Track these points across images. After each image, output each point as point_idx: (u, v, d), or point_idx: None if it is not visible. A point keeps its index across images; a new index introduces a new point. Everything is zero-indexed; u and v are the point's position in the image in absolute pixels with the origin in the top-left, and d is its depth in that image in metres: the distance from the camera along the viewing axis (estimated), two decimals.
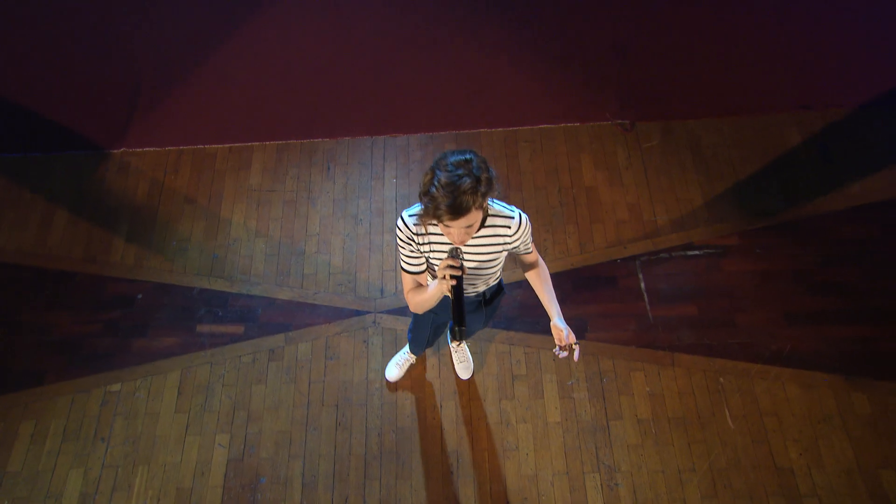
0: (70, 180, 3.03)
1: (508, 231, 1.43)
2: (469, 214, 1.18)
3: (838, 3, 3.43)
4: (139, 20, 3.41)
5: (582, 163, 3.05)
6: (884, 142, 3.05)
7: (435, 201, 1.16)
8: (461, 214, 1.16)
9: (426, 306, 1.53)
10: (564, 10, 3.46)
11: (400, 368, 2.52)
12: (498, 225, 1.42)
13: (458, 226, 1.21)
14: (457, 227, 1.22)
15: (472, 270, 1.51)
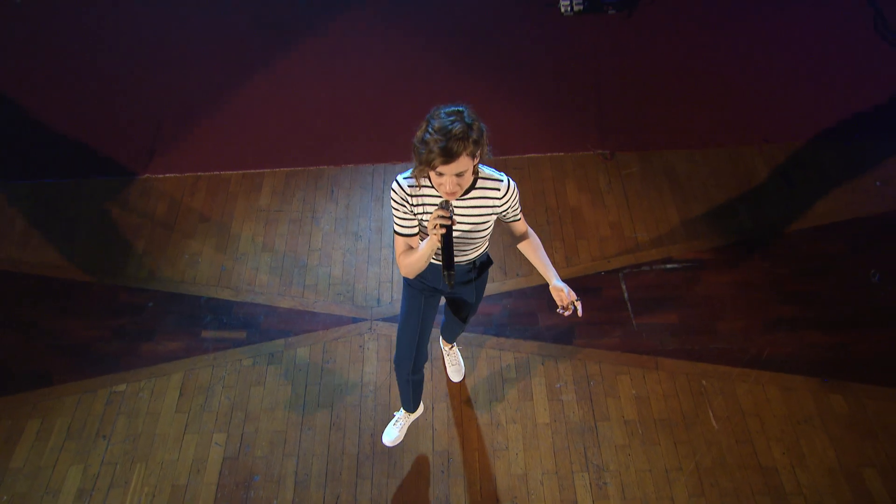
0: (96, 201, 3.23)
1: (498, 194, 1.54)
2: (460, 160, 1.29)
3: (794, 55, 3.76)
4: (165, 59, 3.77)
5: (567, 187, 3.24)
6: (838, 169, 3.26)
7: (428, 146, 1.28)
8: (452, 158, 1.27)
9: (417, 266, 1.61)
10: (551, 54, 3.81)
11: (398, 428, 2.37)
12: (487, 188, 1.53)
13: (450, 172, 1.31)
14: (448, 173, 1.32)
15: (464, 233, 1.60)
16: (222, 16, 4.12)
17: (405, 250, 1.63)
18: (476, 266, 1.84)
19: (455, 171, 1.32)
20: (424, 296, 1.90)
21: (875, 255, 2.93)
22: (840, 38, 3.85)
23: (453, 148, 1.26)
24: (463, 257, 1.74)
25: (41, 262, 3.01)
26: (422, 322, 1.91)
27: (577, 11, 4.04)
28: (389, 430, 2.39)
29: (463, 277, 1.85)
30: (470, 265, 1.81)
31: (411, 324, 1.92)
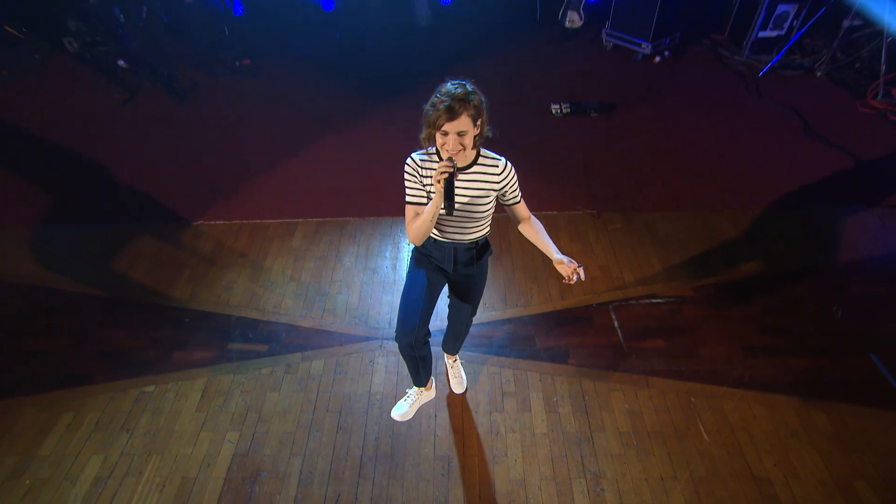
0: (156, 241, 3.59)
1: (496, 170, 1.82)
2: (461, 119, 1.59)
3: (747, 144, 4.29)
4: (221, 133, 4.39)
5: (559, 238, 3.55)
6: (793, 228, 3.59)
7: (435, 106, 1.61)
8: (455, 116, 1.58)
9: (424, 226, 1.81)
10: (546, 141, 4.37)
11: (408, 404, 2.45)
12: (487, 164, 1.82)
13: (453, 130, 1.61)
14: (451, 131, 1.61)
15: (464, 206, 1.84)
16: (270, 107, 4.87)
17: (413, 217, 1.86)
18: (477, 246, 2.05)
19: (457, 130, 1.63)
20: (429, 274, 2.07)
21: (836, 296, 3.11)
22: (778, 134, 4.40)
23: (455, 107, 1.59)
24: (464, 236, 1.96)
25: (107, 285, 3.29)
26: (426, 294, 2.00)
27: (565, 113, 4.72)
28: (400, 404, 2.45)
29: (464, 256, 2.05)
30: (472, 244, 2.03)
31: (413, 296, 2.00)
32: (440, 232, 1.98)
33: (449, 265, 2.07)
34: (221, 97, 5.14)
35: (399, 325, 2.01)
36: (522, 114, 4.79)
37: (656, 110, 4.83)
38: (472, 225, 1.94)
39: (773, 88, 5.02)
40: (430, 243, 2.04)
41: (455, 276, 2.13)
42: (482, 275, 2.20)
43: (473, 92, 1.65)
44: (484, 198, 1.87)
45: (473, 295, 2.24)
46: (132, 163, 4.27)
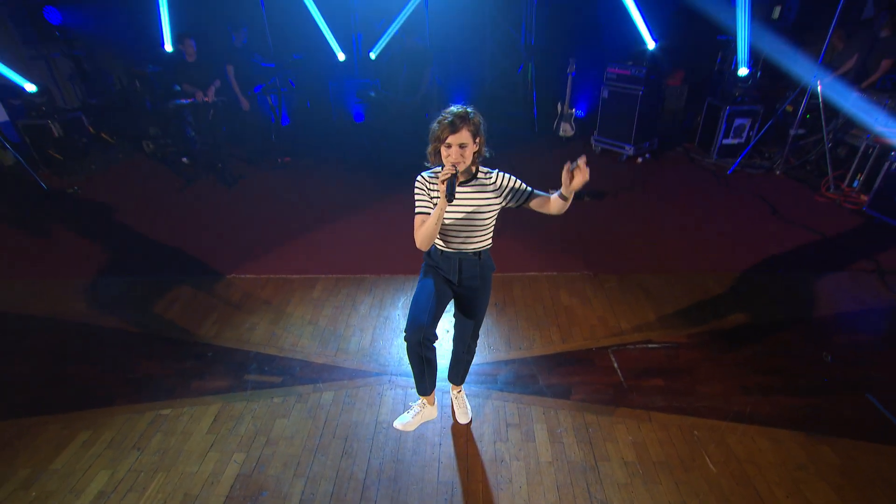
0: (191, 289, 3.75)
1: (490, 179, 2.01)
2: (462, 132, 1.83)
3: (729, 220, 4.54)
4: (254, 208, 4.75)
5: (560, 293, 3.64)
6: (774, 287, 3.66)
7: (440, 123, 1.86)
8: (457, 130, 1.83)
9: (430, 229, 1.93)
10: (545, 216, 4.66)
11: (411, 415, 2.41)
12: (483, 177, 2.01)
13: (455, 142, 1.84)
14: (454, 143, 1.84)
15: (468, 215, 2.00)
16: (302, 190, 5.32)
17: (421, 224, 1.99)
18: (480, 259, 2.18)
19: (458, 142, 1.86)
20: (437, 283, 2.15)
21: (822, 344, 3.08)
22: (750, 215, 4.66)
23: (457, 122, 1.84)
24: (468, 245, 2.10)
25: (143, 323, 3.40)
26: (434, 298, 2.07)
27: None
28: (403, 415, 2.38)
29: (469, 267, 2.16)
30: (475, 255, 2.17)
31: (423, 298, 2.06)
32: (446, 243, 2.13)
33: (454, 276, 2.18)
34: (262, 184, 5.66)
35: (409, 324, 2.05)
36: None
37: (642, 196, 5.19)
38: (475, 235, 2.09)
39: (741, 183, 5.41)
40: (438, 255, 2.18)
41: (460, 288, 2.23)
42: (485, 290, 2.28)
43: (473, 113, 1.92)
44: (484, 207, 2.03)
45: (477, 310, 2.30)
46: (180, 230, 4.61)
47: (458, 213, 2.04)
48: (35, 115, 5.78)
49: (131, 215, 4.91)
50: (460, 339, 2.42)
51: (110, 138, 6.36)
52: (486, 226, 2.09)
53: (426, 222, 1.98)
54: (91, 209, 5.10)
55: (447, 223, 2.05)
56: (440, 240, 2.13)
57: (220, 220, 4.84)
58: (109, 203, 5.18)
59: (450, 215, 2.04)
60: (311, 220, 4.77)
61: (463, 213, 2.03)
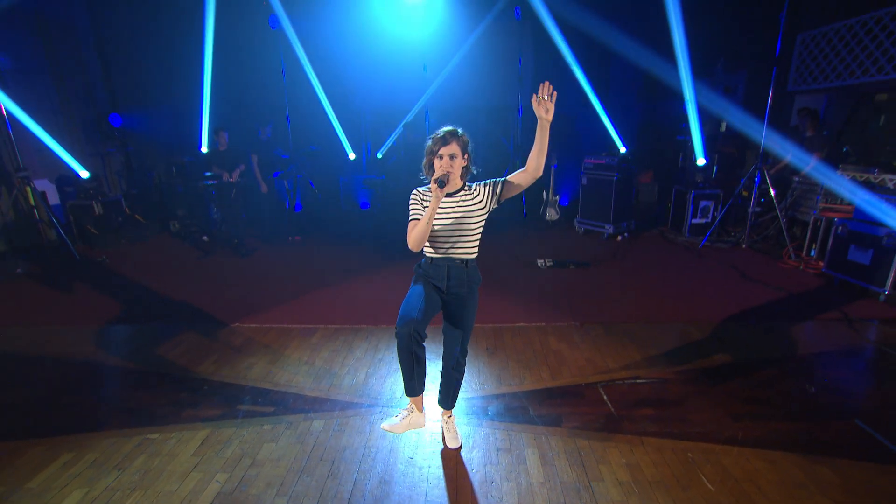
0: (197, 334, 3.72)
1: (474, 192, 2.16)
2: (451, 145, 2.03)
3: (704, 283, 4.62)
4: (262, 272, 4.85)
5: (548, 339, 3.60)
6: (752, 333, 3.66)
7: (434, 138, 2.08)
8: (447, 143, 2.04)
9: (423, 229, 2.03)
10: (534, 281, 4.75)
11: (399, 419, 2.35)
12: (467, 189, 2.17)
13: (446, 153, 2.03)
14: (445, 154, 2.04)
15: (456, 220, 2.12)
16: (308, 260, 5.49)
17: (414, 227, 2.12)
18: (467, 267, 2.25)
19: (449, 153, 2.06)
20: (427, 288, 2.19)
21: (805, 377, 2.99)
22: (723, 279, 4.77)
23: (448, 137, 2.07)
24: (456, 251, 2.18)
25: (146, 362, 3.32)
26: (424, 299, 2.11)
27: (548, 266, 5.23)
28: (390, 418, 2.27)
29: (456, 274, 2.21)
30: (462, 263, 2.24)
31: (414, 297, 2.13)
32: (435, 249, 2.22)
33: (443, 282, 2.24)
34: (273, 256, 5.85)
35: (400, 319, 2.07)
36: (514, 266, 5.31)
37: (623, 263, 5.33)
38: (462, 242, 2.18)
39: (711, 255, 5.60)
40: (428, 264, 2.26)
41: (448, 295, 2.27)
42: (472, 299, 2.31)
43: (462, 132, 2.16)
44: (470, 216, 2.15)
45: (465, 318, 2.30)
46: (192, 288, 4.69)
47: (446, 219, 2.17)
48: (83, 196, 6.21)
49: (150, 278, 5.02)
50: (449, 353, 2.38)
51: (142, 219, 6.73)
52: (472, 233, 2.20)
53: (420, 221, 2.09)
54: (115, 273, 5.22)
55: (437, 229, 2.17)
56: (430, 247, 2.23)
57: (230, 282, 4.93)
58: (132, 269, 5.32)
59: (439, 222, 2.17)
60: (315, 282, 4.86)
61: (451, 219, 2.16)
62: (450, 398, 2.49)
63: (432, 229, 2.17)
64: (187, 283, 4.86)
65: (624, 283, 4.73)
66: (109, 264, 5.55)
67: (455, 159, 2.10)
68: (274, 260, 5.69)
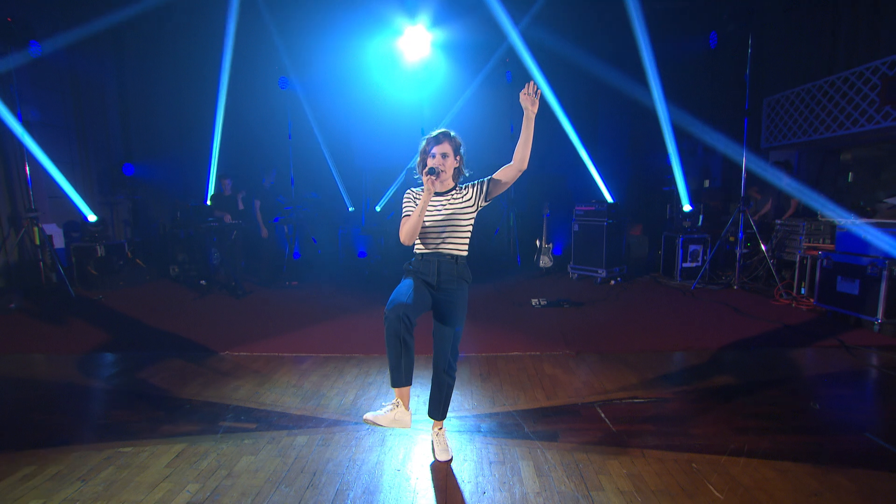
0: (185, 361, 3.58)
1: (461, 192, 2.21)
2: (443, 144, 2.11)
3: (698, 317, 4.56)
4: (254, 309, 4.76)
5: (543, 367, 3.47)
6: (749, 358, 3.57)
7: (427, 138, 2.17)
8: (439, 142, 2.12)
9: (415, 220, 2.07)
10: (528, 316, 4.67)
11: (384, 411, 2.20)
12: (455, 190, 2.22)
13: (438, 151, 2.12)
14: (437, 152, 2.12)
15: (447, 217, 2.15)
16: (304, 301, 5.42)
17: (406, 221, 2.15)
18: (457, 263, 2.23)
19: (441, 152, 2.15)
20: (417, 283, 2.17)
21: (806, 396, 2.86)
22: (717, 314, 4.71)
23: (440, 136, 2.17)
24: (446, 246, 2.19)
25: (129, 385, 3.16)
26: (414, 290, 2.10)
27: (542, 305, 5.18)
28: (375, 410, 2.20)
29: (446, 269, 2.19)
30: (451, 259, 2.23)
31: (404, 288, 2.12)
32: (425, 245, 2.23)
33: (434, 277, 2.22)
34: (269, 297, 5.79)
35: (389, 303, 2.05)
36: (508, 305, 5.24)
37: (617, 302, 5.28)
38: (452, 238, 2.20)
39: (704, 295, 5.57)
40: (419, 260, 2.25)
41: (438, 291, 2.24)
42: (462, 296, 2.27)
43: (455, 134, 2.26)
44: (460, 213, 2.19)
45: (455, 315, 2.25)
46: (184, 321, 4.59)
47: (437, 216, 2.20)
48: (87, 239, 6.28)
49: (143, 314, 4.92)
50: (440, 355, 2.30)
51: (143, 263, 6.74)
52: (461, 230, 2.22)
53: (412, 214, 2.13)
54: (109, 310, 5.13)
55: (428, 226, 2.20)
56: (421, 243, 2.24)
57: (223, 317, 4.84)
58: (127, 307, 5.24)
59: (430, 219, 2.20)
60: (309, 318, 4.77)
61: (442, 216, 2.19)
62: (441, 407, 2.36)
63: (424, 226, 2.20)
64: (179, 318, 4.76)
65: (619, 319, 4.66)
66: (104, 302, 5.47)
67: (447, 158, 2.19)
68: (269, 301, 5.63)
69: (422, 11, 6.65)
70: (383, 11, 6.60)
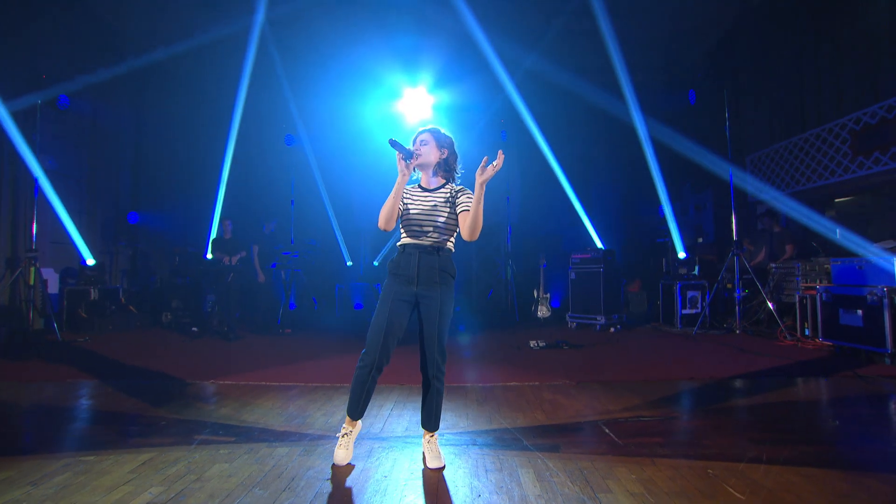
0: (168, 386, 3.38)
1: (446, 189, 2.22)
2: (425, 134, 2.19)
3: (700, 356, 4.39)
4: (246, 351, 4.58)
5: (543, 394, 3.28)
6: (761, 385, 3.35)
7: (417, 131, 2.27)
8: (423, 133, 2.20)
9: (391, 203, 2.09)
10: (529, 357, 4.50)
11: (343, 449, 2.13)
12: (443, 188, 2.23)
13: (419, 139, 2.19)
14: (418, 140, 2.19)
15: (431, 209, 2.14)
16: (296, 346, 5.24)
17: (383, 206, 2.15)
18: (439, 255, 2.16)
19: (420, 139, 2.21)
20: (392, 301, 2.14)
21: (827, 415, 2.67)
22: (720, 353, 4.55)
23: (426, 128, 2.25)
24: (426, 237, 2.15)
25: (108, 406, 2.95)
26: (387, 325, 2.12)
27: (541, 347, 5.02)
28: (337, 452, 2.09)
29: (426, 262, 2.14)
30: (432, 250, 2.16)
31: (378, 324, 2.13)
32: (409, 235, 2.20)
33: (413, 270, 2.15)
34: (261, 342, 5.62)
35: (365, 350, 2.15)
36: (505, 348, 5.07)
37: (618, 346, 5.11)
38: (435, 230, 2.16)
39: (706, 339, 5.41)
40: (400, 253, 2.21)
41: (420, 287, 2.15)
42: (447, 291, 2.18)
43: (445, 131, 2.33)
44: (441, 207, 2.18)
45: (441, 312, 2.15)
46: (171, 359, 4.40)
47: (423, 206, 2.19)
48: (83, 283, 6.23)
49: (127, 355, 4.73)
50: (429, 359, 2.16)
51: (135, 309, 6.63)
52: (444, 223, 2.18)
53: (388, 199, 2.13)
54: (92, 351, 4.93)
55: (413, 215, 2.18)
56: (405, 234, 2.23)
57: (211, 355, 4.65)
58: (112, 349, 5.05)
59: (416, 209, 2.18)
60: (298, 356, 4.59)
61: (427, 207, 2.19)
62: (433, 416, 2.19)
63: (409, 215, 2.20)
64: (164, 358, 4.57)
65: (621, 357, 4.49)
66: (89, 344, 5.28)
67: (425, 145, 2.23)
68: (261, 343, 5.45)
69: (423, 75, 7.27)
70: (386, 75, 7.22)
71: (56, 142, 6.48)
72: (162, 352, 4.84)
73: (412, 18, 6.23)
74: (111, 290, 6.44)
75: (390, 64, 6.98)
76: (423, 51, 6.80)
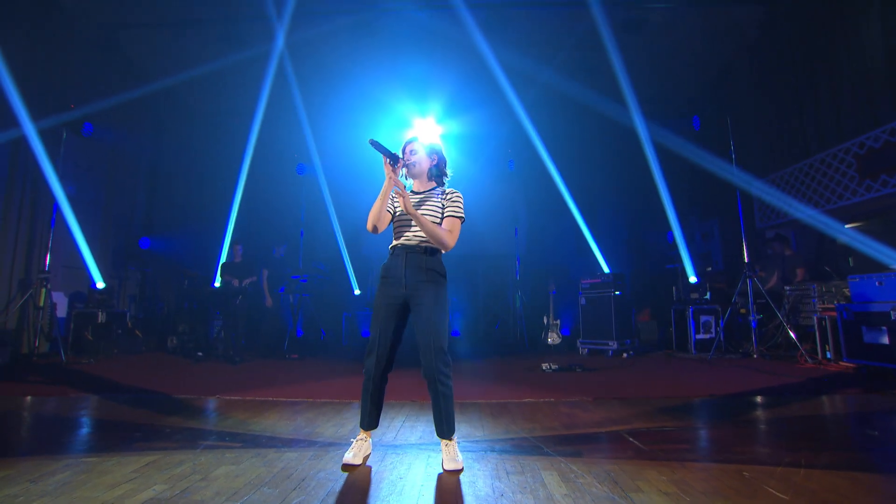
0: (177, 401, 3.28)
1: (436, 193, 2.22)
2: (415, 143, 2.22)
3: (718, 373, 4.23)
4: (252, 372, 4.47)
5: (559, 408, 3.14)
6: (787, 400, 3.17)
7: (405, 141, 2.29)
8: (415, 141, 2.23)
9: (378, 205, 2.10)
10: (541, 379, 4.35)
11: (352, 453, 2.05)
12: (434, 190, 2.24)
13: (410, 149, 2.22)
14: (409, 149, 2.22)
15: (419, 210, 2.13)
16: (303, 368, 5.12)
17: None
18: (426, 255, 2.15)
19: (410, 148, 2.24)
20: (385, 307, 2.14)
21: (862, 428, 2.52)
22: (739, 374, 4.37)
23: (417, 137, 2.28)
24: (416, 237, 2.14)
25: (116, 416, 2.85)
26: (382, 328, 2.14)
27: (554, 370, 4.87)
28: (347, 454, 2.02)
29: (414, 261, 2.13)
30: (422, 252, 2.15)
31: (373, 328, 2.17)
32: (397, 237, 2.21)
33: (401, 270, 2.14)
34: (266, 366, 5.50)
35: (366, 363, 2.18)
36: (516, 371, 4.93)
37: (631, 369, 4.94)
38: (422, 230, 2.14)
39: (723, 364, 5.22)
40: (390, 255, 2.21)
41: (409, 289, 2.12)
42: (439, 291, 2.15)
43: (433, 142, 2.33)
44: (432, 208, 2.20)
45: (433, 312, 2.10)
46: (176, 380, 4.29)
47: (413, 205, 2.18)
48: (91, 305, 6.21)
49: (132, 377, 4.64)
50: (428, 363, 2.08)
51: (141, 334, 6.55)
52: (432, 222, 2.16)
53: (376, 200, 2.15)
54: (96, 373, 4.84)
55: (402, 213, 2.20)
56: (395, 236, 2.23)
57: (215, 376, 4.54)
58: (116, 372, 4.96)
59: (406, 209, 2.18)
60: (305, 376, 4.48)
61: (414, 201, 2.21)
62: (443, 420, 2.07)
63: (399, 215, 2.22)
64: (167, 379, 4.47)
65: (637, 379, 4.33)
66: (93, 367, 5.19)
67: (415, 154, 2.27)
68: (267, 367, 5.33)
69: (433, 105, 7.51)
70: (396, 105, 7.47)
71: (77, 168, 6.67)
72: (165, 373, 4.74)
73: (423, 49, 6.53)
74: (118, 314, 6.40)
75: (401, 95, 7.25)
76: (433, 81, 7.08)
